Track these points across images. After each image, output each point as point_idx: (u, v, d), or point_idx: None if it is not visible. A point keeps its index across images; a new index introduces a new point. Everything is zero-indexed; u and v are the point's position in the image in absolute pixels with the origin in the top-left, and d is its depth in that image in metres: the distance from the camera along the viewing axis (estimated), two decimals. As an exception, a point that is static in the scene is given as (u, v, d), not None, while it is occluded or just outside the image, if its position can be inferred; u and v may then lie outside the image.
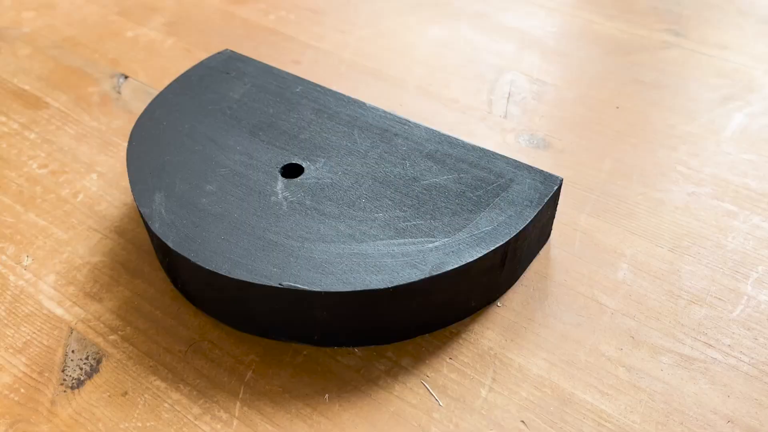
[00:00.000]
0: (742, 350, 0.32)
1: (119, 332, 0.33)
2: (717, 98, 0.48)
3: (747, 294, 0.34)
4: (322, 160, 0.36)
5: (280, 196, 0.34)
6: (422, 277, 0.30)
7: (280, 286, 0.29)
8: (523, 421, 0.29)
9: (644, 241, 0.37)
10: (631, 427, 0.29)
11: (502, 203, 0.33)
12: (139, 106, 0.48)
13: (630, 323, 0.33)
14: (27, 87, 0.50)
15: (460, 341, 0.32)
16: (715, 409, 0.29)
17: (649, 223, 0.38)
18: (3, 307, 0.34)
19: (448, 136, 0.37)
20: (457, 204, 0.33)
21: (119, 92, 0.49)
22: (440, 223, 0.32)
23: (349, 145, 0.37)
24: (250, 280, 0.30)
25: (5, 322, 0.34)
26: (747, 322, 0.33)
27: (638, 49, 0.53)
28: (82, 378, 0.31)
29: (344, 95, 0.40)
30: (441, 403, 0.30)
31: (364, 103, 0.40)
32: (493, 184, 0.34)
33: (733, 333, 0.32)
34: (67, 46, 0.55)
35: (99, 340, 0.33)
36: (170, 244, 0.31)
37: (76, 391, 0.31)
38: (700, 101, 0.48)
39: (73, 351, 0.32)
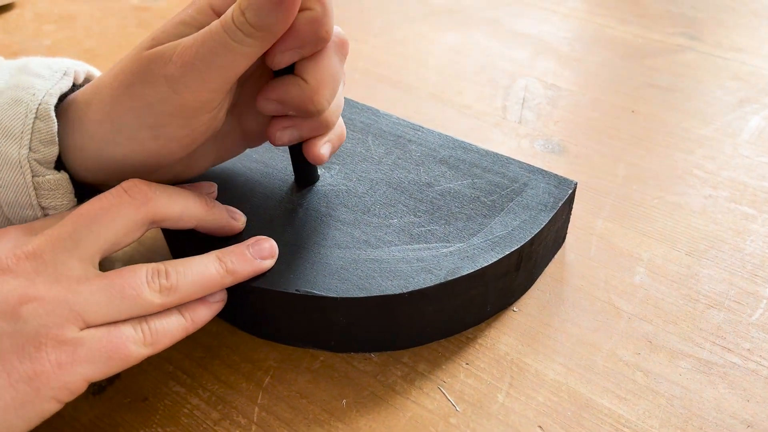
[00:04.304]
0: (761, 354, 0.31)
1: (139, 339, 0.33)
2: (733, 101, 0.48)
3: (766, 298, 0.34)
4: (337, 167, 0.36)
5: (295, 203, 0.34)
6: (437, 282, 0.30)
7: (296, 292, 0.30)
8: (540, 427, 0.29)
9: (661, 244, 0.37)
10: (649, 432, 0.29)
11: (516, 208, 0.33)
12: (157, 116, 0.48)
13: (647, 328, 0.33)
14: (48, 99, 0.51)
15: (477, 346, 0.32)
16: (735, 414, 0.29)
17: (666, 226, 0.38)
18: (26, 315, 0.35)
19: (462, 142, 0.37)
20: (472, 209, 0.33)
21: (137, 103, 0.50)
22: (455, 228, 0.32)
23: (363, 151, 0.37)
24: (267, 287, 0.30)
25: (28, 329, 0.34)
26: (766, 326, 0.32)
27: (653, 53, 0.53)
28: (103, 384, 0.31)
29: (358, 102, 0.41)
30: (458, 408, 0.30)
31: (378, 111, 0.40)
32: (507, 188, 0.34)
33: (753, 337, 0.32)
34: (87, 57, 0.56)
35: (119, 346, 0.33)
36: (189, 251, 0.32)
37: (97, 396, 0.31)
38: (716, 104, 0.47)
39: (94, 357, 0.33)
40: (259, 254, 0.30)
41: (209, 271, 0.28)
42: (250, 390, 0.31)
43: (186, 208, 0.29)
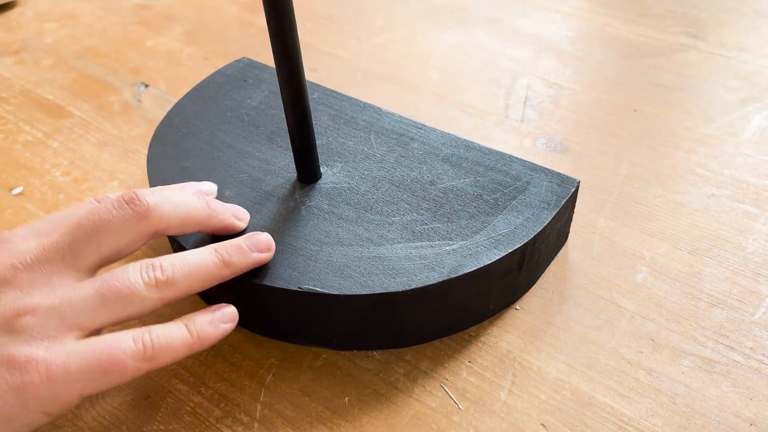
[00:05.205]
0: (764, 353, 0.31)
1: (141, 336, 0.33)
2: (735, 100, 0.48)
3: (769, 296, 0.34)
4: (339, 164, 0.36)
5: (297, 200, 0.34)
6: (440, 279, 0.30)
7: (299, 289, 0.30)
8: (543, 425, 0.29)
9: (663, 243, 0.37)
10: (652, 431, 0.29)
11: (519, 206, 0.33)
12: (159, 114, 0.48)
13: (650, 326, 0.33)
14: (50, 97, 0.51)
15: (479, 344, 0.32)
16: (738, 413, 0.29)
17: (668, 225, 0.38)
18: (28, 312, 0.35)
19: (464, 140, 0.37)
20: (474, 207, 0.33)
21: (140, 101, 0.50)
22: (457, 226, 0.32)
23: (365, 149, 0.37)
24: (270, 284, 0.30)
25: (30, 326, 0.34)
26: (769, 325, 0.32)
27: (655, 52, 0.53)
28: (105, 381, 0.31)
29: (360, 101, 0.41)
30: (460, 406, 0.30)
31: (380, 109, 0.40)
32: (509, 186, 0.34)
33: (755, 335, 0.32)
34: (88, 56, 0.56)
35: (121, 344, 0.33)
36: (188, 247, 0.32)
37: (99, 394, 0.31)
38: (718, 103, 0.47)
39: (96, 355, 0.33)
40: (255, 247, 0.30)
41: (206, 263, 0.28)
42: (252, 388, 0.31)
43: (188, 216, 0.29)
